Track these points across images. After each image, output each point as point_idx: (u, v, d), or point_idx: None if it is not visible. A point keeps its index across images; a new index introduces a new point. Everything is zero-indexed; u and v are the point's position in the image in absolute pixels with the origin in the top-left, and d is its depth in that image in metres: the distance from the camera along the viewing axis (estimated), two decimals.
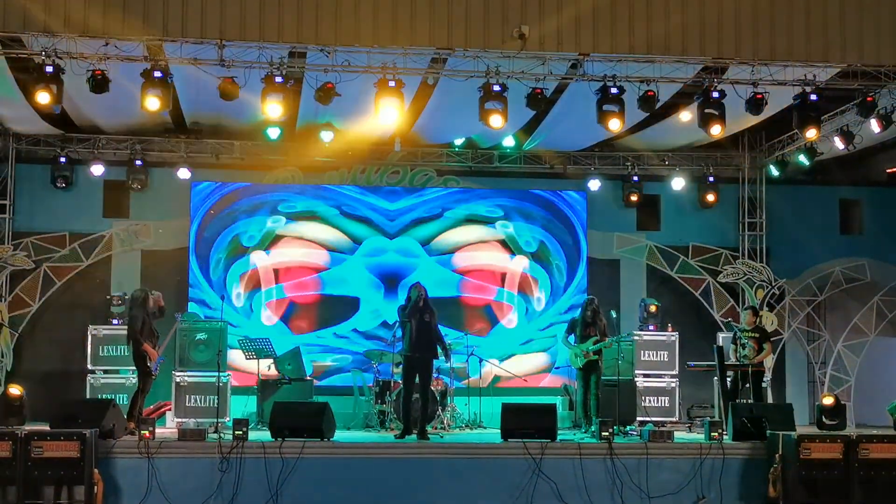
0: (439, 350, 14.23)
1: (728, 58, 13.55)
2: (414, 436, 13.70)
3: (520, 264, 18.66)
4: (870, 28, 13.60)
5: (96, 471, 11.57)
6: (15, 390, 13.80)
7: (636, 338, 16.97)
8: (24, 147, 17.75)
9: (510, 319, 18.57)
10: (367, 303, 18.30)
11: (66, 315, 17.65)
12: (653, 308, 17.60)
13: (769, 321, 17.94)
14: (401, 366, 14.50)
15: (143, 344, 13.93)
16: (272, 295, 18.16)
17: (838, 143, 15.97)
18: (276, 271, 18.22)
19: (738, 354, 15.20)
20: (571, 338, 15.08)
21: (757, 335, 15.29)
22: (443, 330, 15.01)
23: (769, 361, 16.78)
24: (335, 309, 18.29)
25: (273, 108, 13.40)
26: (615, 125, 13.90)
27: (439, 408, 15.30)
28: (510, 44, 13.08)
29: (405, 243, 18.48)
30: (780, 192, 19.03)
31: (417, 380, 14.09)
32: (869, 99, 14.32)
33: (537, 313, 18.65)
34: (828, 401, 14.55)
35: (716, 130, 14.21)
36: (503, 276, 18.64)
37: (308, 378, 16.50)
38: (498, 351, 18.18)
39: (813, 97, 13.96)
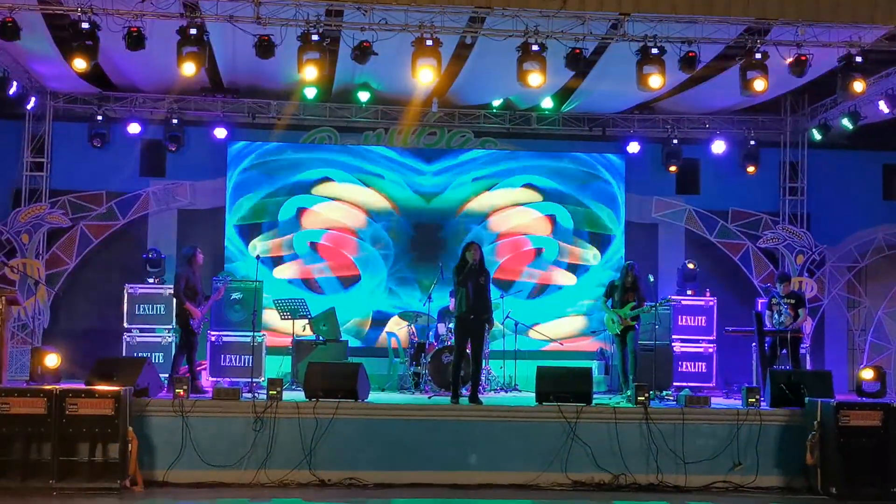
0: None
1: (772, 18, 13.30)
2: (465, 399, 13.46)
3: (558, 227, 18.53)
4: None
5: (130, 429, 11.59)
6: (52, 360, 13.79)
7: (673, 301, 16.86)
8: (61, 105, 17.79)
9: (547, 282, 18.45)
10: (402, 263, 18.27)
11: (103, 273, 17.75)
12: (691, 266, 17.50)
13: (808, 287, 17.76)
14: (453, 327, 14.24)
15: (186, 302, 14.00)
16: (308, 255, 18.17)
17: (883, 107, 15.71)
18: (312, 231, 18.20)
19: (772, 321, 15.07)
20: (609, 302, 14.97)
21: (793, 301, 15.12)
22: None
23: (807, 327, 16.60)
24: (372, 269, 18.26)
25: (310, 69, 13.32)
26: (656, 86, 13.72)
27: None
28: (550, 3, 12.91)
29: (442, 204, 18.39)
30: (823, 156, 18.77)
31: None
32: None
33: (575, 276, 18.53)
34: (867, 374, 14.35)
35: (759, 88, 13.91)
36: (539, 238, 18.51)
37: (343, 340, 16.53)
38: (535, 314, 18.08)
39: (858, 59, 13.71)
